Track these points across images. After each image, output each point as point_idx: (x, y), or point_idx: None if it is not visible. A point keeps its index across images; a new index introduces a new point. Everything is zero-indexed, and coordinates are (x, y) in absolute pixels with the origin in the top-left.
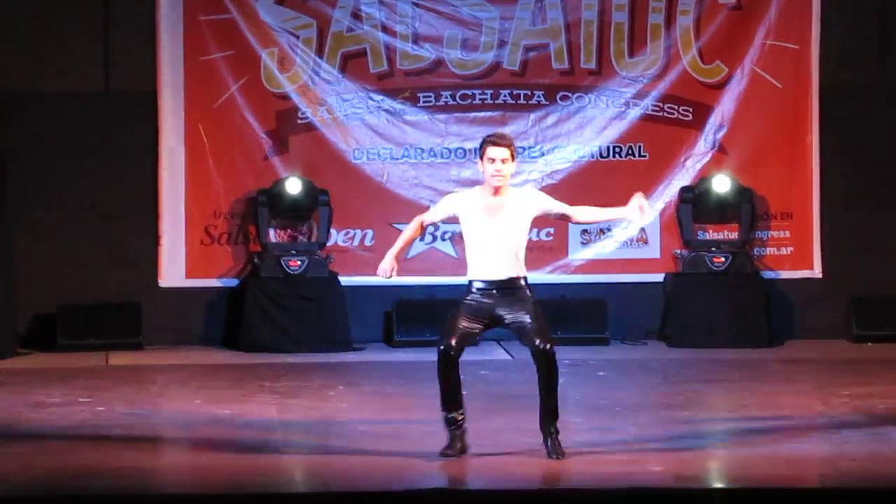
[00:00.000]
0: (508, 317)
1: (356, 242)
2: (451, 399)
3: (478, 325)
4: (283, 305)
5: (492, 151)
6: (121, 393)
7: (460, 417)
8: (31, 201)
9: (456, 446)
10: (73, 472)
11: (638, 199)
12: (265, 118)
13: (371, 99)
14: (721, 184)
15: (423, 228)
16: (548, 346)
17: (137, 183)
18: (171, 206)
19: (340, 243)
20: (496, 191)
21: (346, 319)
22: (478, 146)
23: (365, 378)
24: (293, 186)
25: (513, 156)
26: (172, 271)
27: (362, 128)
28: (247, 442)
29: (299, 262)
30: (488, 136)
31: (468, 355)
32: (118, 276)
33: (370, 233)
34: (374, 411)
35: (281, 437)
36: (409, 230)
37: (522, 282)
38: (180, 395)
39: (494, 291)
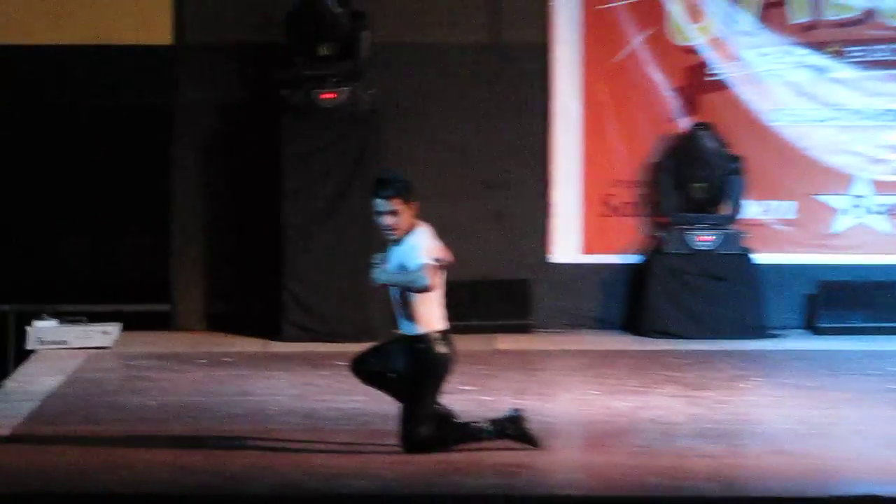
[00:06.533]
0: None
1: (774, 216)
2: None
3: None
4: (691, 286)
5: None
6: (509, 381)
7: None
8: (403, 161)
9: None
10: (447, 468)
11: None
12: (671, 74)
13: (792, 54)
14: None
15: None
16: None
17: (525, 147)
18: (565, 173)
19: (755, 217)
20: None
21: (761, 302)
22: None
23: (784, 369)
24: (703, 150)
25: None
26: (566, 246)
27: (782, 86)
28: (649, 439)
29: (709, 237)
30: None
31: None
32: (503, 251)
33: (791, 205)
34: (795, 406)
35: (688, 434)
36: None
37: None
38: (574, 384)
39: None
